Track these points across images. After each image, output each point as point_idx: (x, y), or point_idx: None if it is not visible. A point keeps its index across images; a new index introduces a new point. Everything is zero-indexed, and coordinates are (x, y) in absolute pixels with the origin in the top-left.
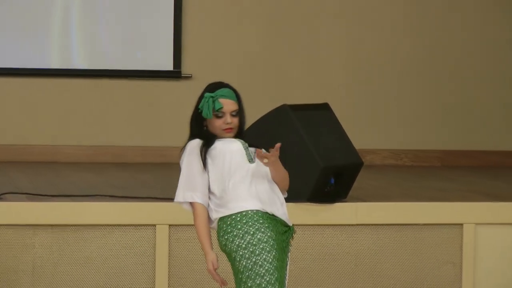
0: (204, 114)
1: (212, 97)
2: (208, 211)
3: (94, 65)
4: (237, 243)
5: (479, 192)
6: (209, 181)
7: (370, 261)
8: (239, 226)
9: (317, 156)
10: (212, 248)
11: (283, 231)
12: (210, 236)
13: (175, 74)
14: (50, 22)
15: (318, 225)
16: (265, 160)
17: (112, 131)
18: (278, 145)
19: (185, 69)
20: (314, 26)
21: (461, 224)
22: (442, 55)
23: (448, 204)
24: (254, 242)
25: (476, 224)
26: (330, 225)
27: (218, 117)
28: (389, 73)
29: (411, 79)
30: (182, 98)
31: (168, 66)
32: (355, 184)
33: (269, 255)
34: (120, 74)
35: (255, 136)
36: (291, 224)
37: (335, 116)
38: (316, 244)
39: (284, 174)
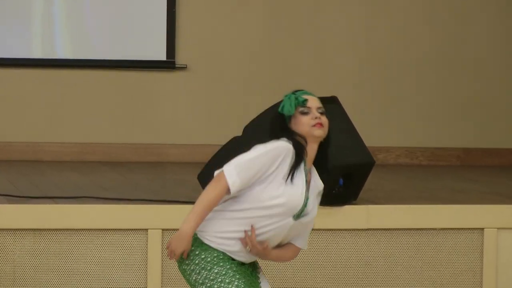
0: (286, 111)
1: (294, 93)
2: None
3: (79, 55)
4: (194, 278)
5: (502, 194)
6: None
7: (382, 269)
8: (196, 261)
9: None
10: (194, 231)
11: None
12: (203, 218)
13: (169, 64)
14: (31, 6)
15: (325, 229)
16: (247, 248)
17: (100, 127)
18: (266, 244)
19: (180, 59)
20: (322, 11)
21: (482, 229)
22: (462, 45)
23: (468, 207)
24: (212, 277)
25: (498, 228)
26: (339, 229)
27: (303, 113)
28: (404, 64)
29: (428, 71)
30: (177, 90)
31: (161, 55)
32: (366, 185)
33: (230, 285)
34: (108, 64)
35: (255, 133)
36: None
37: (344, 111)
38: (323, 251)
39: (286, 259)
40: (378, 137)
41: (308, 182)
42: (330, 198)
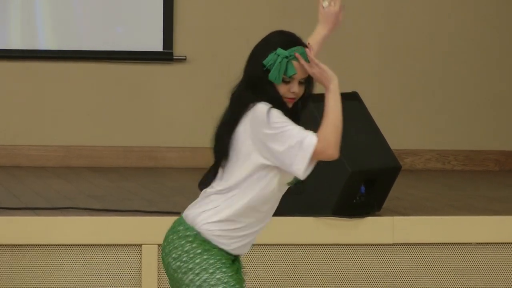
0: (271, 77)
1: (286, 57)
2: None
3: (64, 45)
4: (190, 277)
5: None
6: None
7: None
8: (197, 261)
9: (343, 159)
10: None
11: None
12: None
13: (166, 56)
14: None
15: (344, 244)
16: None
17: (88, 127)
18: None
19: (178, 50)
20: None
21: None
22: (501, 36)
23: (508, 218)
24: (212, 282)
25: None
26: (360, 244)
27: (284, 82)
28: (435, 56)
29: (461, 64)
30: (175, 85)
31: (157, 46)
32: (392, 193)
33: None
34: (97, 56)
35: None
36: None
37: (366, 108)
38: (342, 269)
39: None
40: (404, 139)
41: None
42: (350, 208)
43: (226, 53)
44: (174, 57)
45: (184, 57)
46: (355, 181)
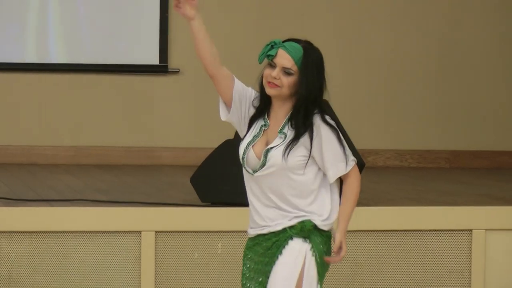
0: (259, 57)
1: (274, 43)
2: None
3: (73, 59)
4: None
5: (490, 196)
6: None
7: (370, 270)
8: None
9: None
10: None
11: (267, 248)
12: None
13: (162, 68)
14: (26, 11)
15: None
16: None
17: (94, 130)
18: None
19: (172, 63)
20: (310, 16)
21: (470, 230)
22: (450, 49)
23: (456, 208)
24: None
25: (486, 230)
26: None
27: (270, 66)
28: (393, 67)
29: (416, 74)
30: (169, 94)
31: (154, 60)
32: None
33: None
34: (102, 68)
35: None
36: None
37: (335, 115)
38: None
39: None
40: (368, 140)
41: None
42: None
43: None
44: (169, 70)
45: (178, 70)
46: None
